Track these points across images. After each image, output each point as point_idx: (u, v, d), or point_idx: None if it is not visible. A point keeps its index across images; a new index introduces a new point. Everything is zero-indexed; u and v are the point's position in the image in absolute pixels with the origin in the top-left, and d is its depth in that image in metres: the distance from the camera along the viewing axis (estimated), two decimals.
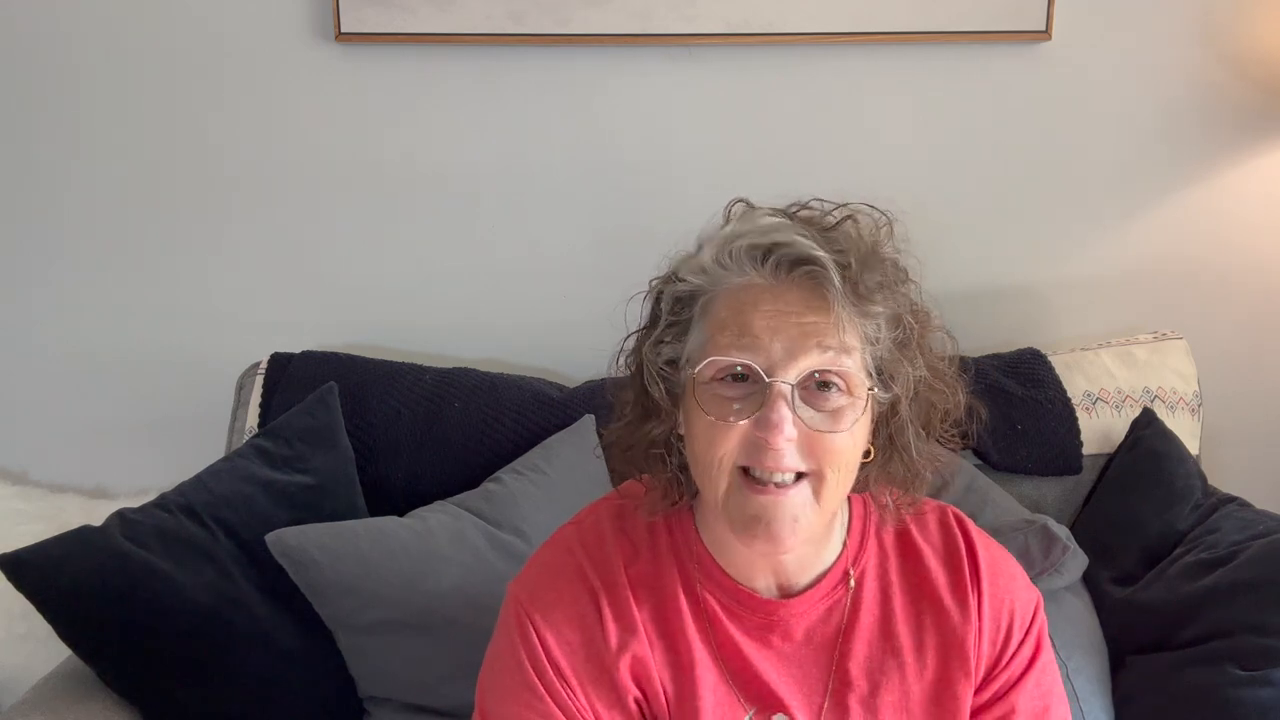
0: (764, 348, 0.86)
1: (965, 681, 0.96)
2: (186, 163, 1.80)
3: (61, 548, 1.29)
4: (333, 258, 1.84)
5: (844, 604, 0.97)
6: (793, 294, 0.87)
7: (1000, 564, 1.00)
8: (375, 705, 1.40)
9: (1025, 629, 0.98)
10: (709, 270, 0.90)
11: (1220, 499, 1.55)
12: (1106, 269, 1.90)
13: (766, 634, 0.96)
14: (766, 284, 0.88)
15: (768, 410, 0.85)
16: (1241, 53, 1.83)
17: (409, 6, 1.71)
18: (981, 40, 1.78)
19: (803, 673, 0.96)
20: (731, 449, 0.87)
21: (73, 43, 1.75)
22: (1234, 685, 1.26)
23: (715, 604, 0.96)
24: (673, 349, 0.92)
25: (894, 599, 0.98)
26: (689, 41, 1.75)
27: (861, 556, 0.98)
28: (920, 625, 0.97)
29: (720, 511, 0.90)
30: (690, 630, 0.95)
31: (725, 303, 0.89)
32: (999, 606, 0.98)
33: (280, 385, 1.65)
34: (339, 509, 1.49)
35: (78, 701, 1.28)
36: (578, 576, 0.97)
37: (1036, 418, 1.65)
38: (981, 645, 0.97)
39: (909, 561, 0.99)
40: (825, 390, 0.87)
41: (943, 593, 0.98)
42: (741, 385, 0.87)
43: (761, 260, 0.88)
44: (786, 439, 0.85)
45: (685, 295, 0.92)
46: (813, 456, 0.87)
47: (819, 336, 0.86)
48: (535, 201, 1.83)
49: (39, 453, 1.90)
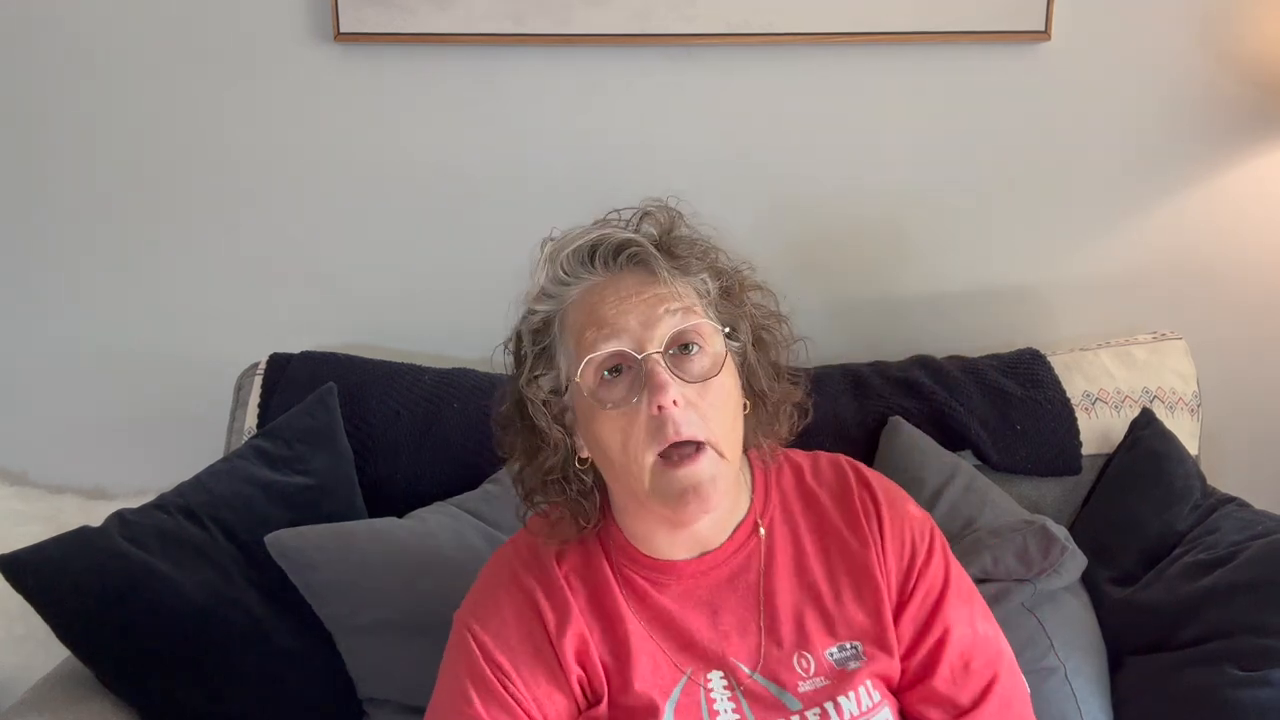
0: (624, 329, 0.97)
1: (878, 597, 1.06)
2: (186, 162, 1.80)
3: (60, 548, 1.29)
4: (331, 258, 1.84)
5: (760, 552, 1.07)
6: (626, 280, 1.01)
7: (893, 494, 1.12)
8: (374, 706, 1.40)
9: (928, 544, 1.09)
10: (550, 291, 1.03)
11: (1219, 499, 1.55)
12: (1106, 269, 1.90)
13: (694, 592, 1.05)
14: (602, 279, 1.01)
15: (650, 380, 0.95)
16: (1241, 53, 1.82)
17: (408, 6, 1.71)
18: (981, 40, 1.78)
19: (736, 621, 1.05)
20: (640, 438, 0.96)
21: (72, 43, 1.75)
22: (1233, 686, 1.26)
23: (643, 581, 1.06)
24: (549, 379, 1.02)
25: (803, 539, 1.08)
26: (688, 41, 1.75)
27: (768, 509, 1.09)
28: (829, 557, 1.08)
29: (650, 497, 0.98)
30: (623, 608, 1.05)
31: (576, 311, 1.01)
32: (899, 526, 1.09)
33: (279, 386, 1.64)
34: (338, 510, 1.49)
35: (76, 702, 1.28)
36: (512, 581, 1.07)
37: (1036, 418, 1.65)
38: (887, 562, 1.07)
39: (809, 505, 1.10)
40: (687, 352, 0.98)
41: (841, 527, 1.09)
42: (621, 379, 0.98)
43: (589, 259, 1.02)
44: (674, 400, 0.95)
45: (540, 324, 1.03)
46: (701, 416, 0.96)
47: (663, 303, 0.98)
48: (535, 201, 1.83)
49: (38, 453, 1.90)
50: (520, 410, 1.04)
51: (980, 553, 1.41)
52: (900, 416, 1.62)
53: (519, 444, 1.06)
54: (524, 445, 1.05)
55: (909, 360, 1.73)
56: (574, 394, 1.01)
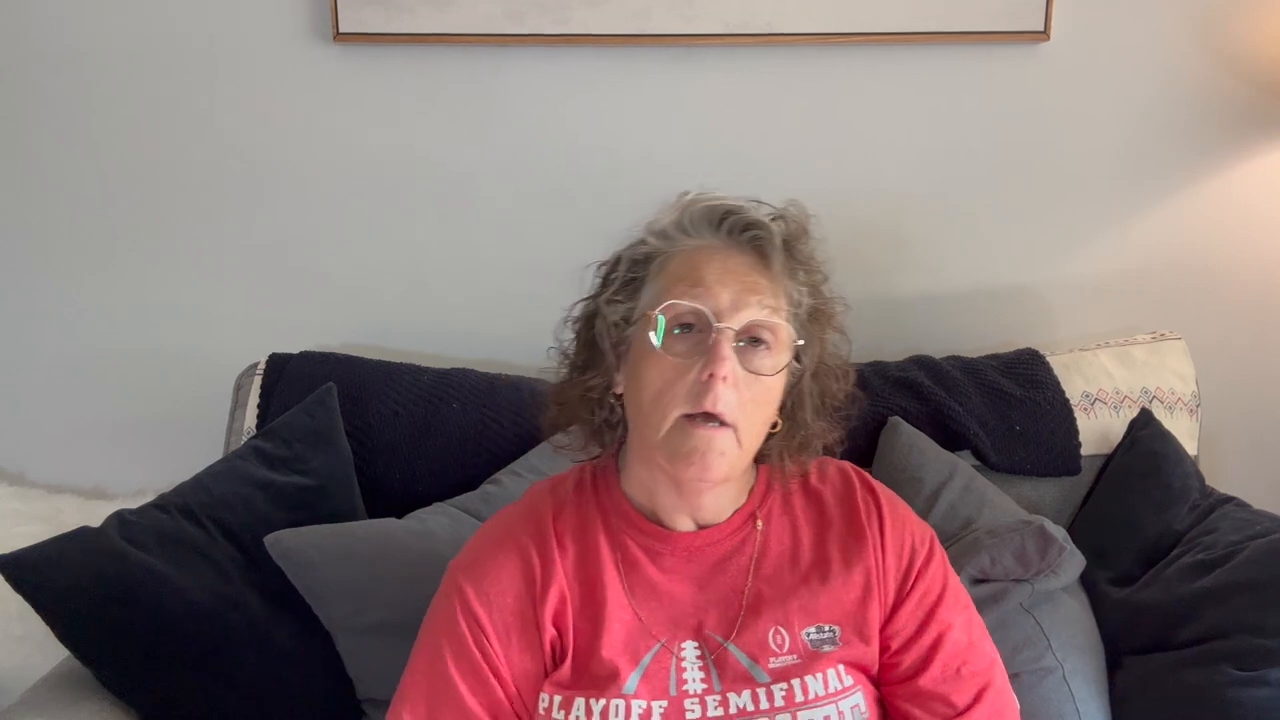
0: (714, 296, 1.00)
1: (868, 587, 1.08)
2: (185, 162, 1.80)
3: (59, 549, 1.29)
4: (331, 258, 1.84)
5: (755, 539, 1.10)
6: (740, 257, 1.04)
7: (896, 501, 1.15)
8: (374, 706, 1.40)
9: (928, 549, 1.11)
10: (668, 233, 1.06)
11: (1218, 499, 1.55)
12: (1105, 269, 1.90)
13: (684, 565, 1.08)
14: (719, 245, 1.04)
15: (714, 350, 0.98)
16: (1241, 53, 1.82)
17: (407, 6, 1.71)
18: (981, 41, 1.78)
19: (721, 595, 1.08)
20: (679, 394, 0.99)
21: (72, 43, 1.75)
22: (1231, 686, 1.26)
23: (636, 548, 1.08)
24: (625, 307, 1.05)
25: (801, 530, 1.11)
26: (687, 42, 1.75)
27: (767, 501, 1.12)
28: (824, 545, 1.10)
29: (659, 447, 1.01)
30: (608, 573, 1.07)
31: (681, 260, 1.04)
32: (900, 529, 1.11)
33: (278, 386, 1.64)
34: (337, 510, 1.49)
35: (75, 702, 1.28)
36: (507, 537, 1.10)
37: (1035, 418, 1.65)
38: (885, 560, 1.09)
39: (811, 501, 1.13)
40: (756, 346, 1.02)
41: (841, 520, 1.11)
42: (688, 337, 1.01)
43: (717, 224, 1.04)
44: (725, 377, 0.98)
45: (642, 256, 1.06)
46: (740, 403, 0.99)
47: (759, 294, 1.01)
48: (534, 201, 1.83)
49: (37, 453, 1.90)
50: (590, 325, 1.08)
51: (978, 553, 1.41)
52: (899, 417, 1.62)
53: (579, 355, 1.10)
54: (579, 360, 1.09)
55: (908, 360, 1.74)
56: (639, 329, 1.03)
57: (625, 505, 1.10)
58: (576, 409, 1.10)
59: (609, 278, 1.08)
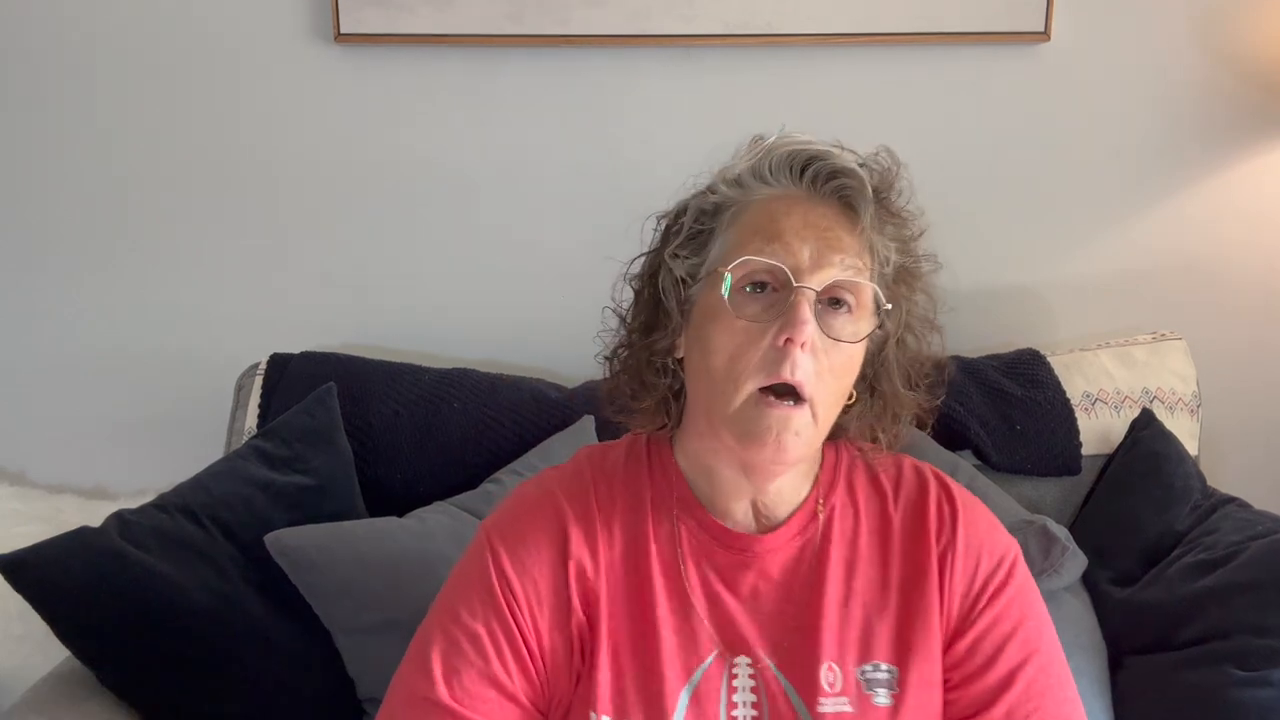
0: (794, 252, 0.89)
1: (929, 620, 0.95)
2: (186, 163, 1.80)
3: (59, 548, 1.28)
4: (332, 258, 1.84)
5: (814, 542, 0.98)
6: (823, 207, 0.92)
7: (976, 511, 1.01)
8: (374, 706, 1.40)
9: (1005, 576, 0.97)
10: (744, 182, 0.95)
11: (1219, 500, 1.55)
12: (1106, 269, 1.90)
13: (741, 573, 0.97)
14: (800, 195, 0.93)
15: (793, 312, 0.88)
16: (1241, 53, 1.82)
17: (408, 7, 1.71)
18: (981, 41, 1.78)
19: (773, 609, 0.96)
20: (752, 362, 0.89)
21: (72, 43, 1.75)
22: (1233, 686, 1.26)
23: (689, 537, 0.98)
24: (691, 262, 0.95)
25: (860, 539, 0.99)
26: (687, 42, 1.75)
27: (831, 494, 1.00)
28: (885, 564, 0.98)
29: (728, 423, 0.91)
30: (656, 567, 0.96)
31: (757, 211, 0.93)
32: (975, 544, 0.98)
33: (279, 386, 1.64)
34: (338, 510, 1.49)
35: (75, 702, 1.28)
36: (548, 502, 0.99)
37: (1035, 418, 1.65)
38: (952, 582, 0.96)
39: (876, 504, 1.01)
40: (836, 309, 0.91)
41: (906, 534, 0.99)
42: (762, 298, 0.90)
43: (800, 171, 0.93)
44: (804, 342, 0.88)
45: (711, 208, 0.95)
46: (818, 373, 0.89)
47: (842, 250, 0.90)
48: (534, 202, 1.83)
49: (37, 453, 1.90)
50: (653, 281, 0.97)
51: None
52: None
53: (641, 315, 0.99)
54: (643, 319, 0.98)
55: None
56: (705, 286, 0.93)
57: (683, 487, 0.99)
58: (642, 374, 0.98)
59: (671, 230, 0.97)
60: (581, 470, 1.02)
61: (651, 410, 0.99)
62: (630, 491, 1.00)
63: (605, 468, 1.02)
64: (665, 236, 0.98)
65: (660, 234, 0.99)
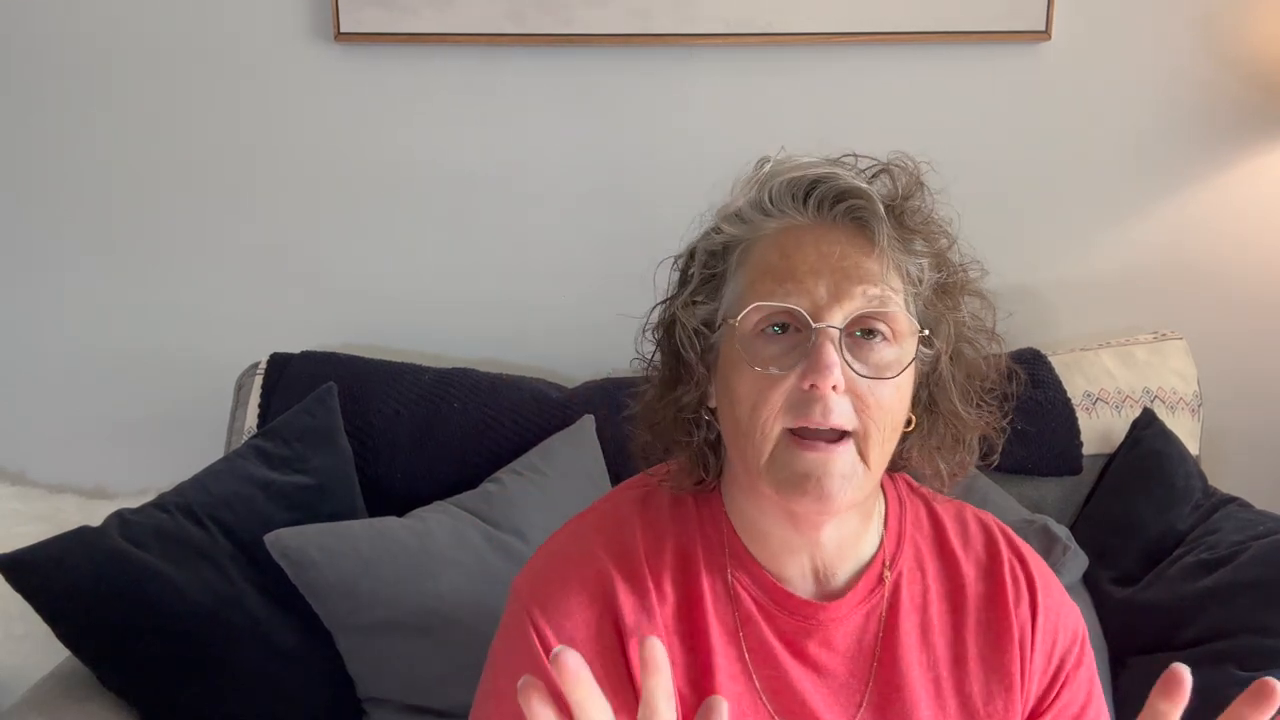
0: (808, 291, 0.82)
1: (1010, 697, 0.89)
2: (186, 162, 1.80)
3: (60, 548, 1.28)
4: (332, 257, 1.84)
5: (880, 609, 0.90)
6: (835, 234, 0.84)
7: (1049, 578, 0.95)
8: (374, 706, 1.40)
9: (1080, 647, 0.93)
10: (746, 217, 0.87)
11: (1220, 499, 1.55)
12: (1106, 269, 1.90)
13: (804, 639, 0.89)
14: (808, 224, 0.85)
15: (815, 356, 0.80)
16: (1241, 53, 1.82)
17: (408, 6, 1.71)
18: (981, 40, 1.78)
19: (839, 683, 0.89)
20: (777, 409, 0.81)
21: (73, 42, 1.75)
22: (1235, 686, 1.24)
23: (749, 599, 0.89)
24: (707, 309, 0.88)
25: (931, 606, 0.91)
26: (688, 41, 1.75)
27: (899, 557, 0.92)
28: (960, 635, 0.91)
29: (763, 474, 0.83)
30: (714, 631, 0.88)
31: (765, 248, 0.85)
32: (1054, 621, 0.92)
33: (279, 385, 1.64)
34: (338, 509, 1.49)
35: (76, 702, 1.28)
36: (589, 562, 0.89)
37: (1036, 418, 1.64)
38: (1033, 659, 0.90)
39: (946, 568, 0.93)
40: (870, 339, 0.83)
41: (982, 604, 0.91)
42: (783, 338, 0.83)
43: (804, 198, 0.86)
44: (834, 385, 0.80)
45: (719, 248, 0.88)
46: (859, 412, 0.81)
47: (863, 279, 0.82)
48: (535, 202, 1.83)
49: (37, 453, 1.90)
50: (669, 332, 0.90)
51: None
52: None
53: (662, 369, 0.92)
54: (665, 373, 0.91)
55: None
56: (725, 335, 0.86)
57: (736, 543, 0.90)
58: (672, 431, 0.90)
59: (686, 275, 0.90)
60: (624, 518, 0.92)
61: (687, 467, 0.91)
62: (680, 545, 0.91)
63: (649, 516, 0.92)
64: (680, 283, 0.91)
65: (675, 279, 0.92)
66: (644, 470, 0.97)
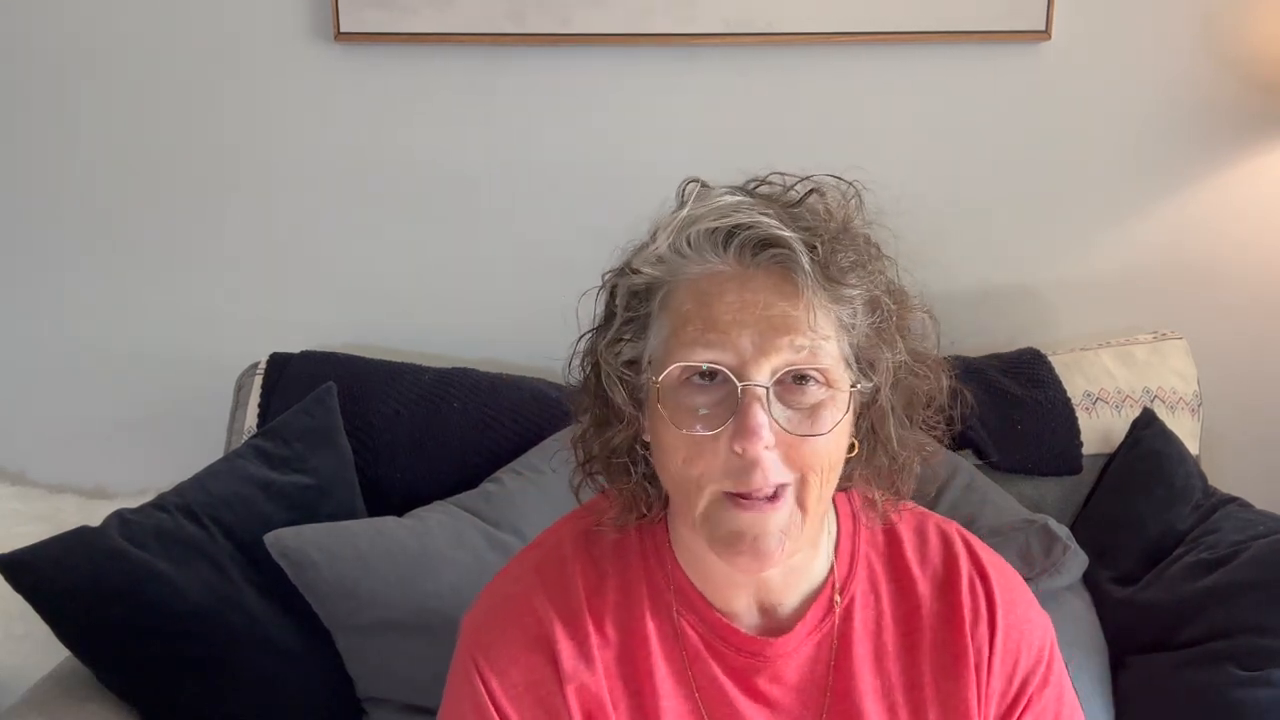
0: (732, 344, 0.78)
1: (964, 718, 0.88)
2: (185, 162, 1.80)
3: (59, 548, 1.28)
4: (332, 257, 1.84)
5: (832, 637, 0.88)
6: (759, 280, 0.79)
7: (1014, 593, 0.92)
8: (373, 705, 1.40)
9: (1045, 665, 0.90)
10: (666, 259, 0.82)
11: (1220, 499, 1.55)
12: (1106, 269, 1.90)
13: (753, 676, 0.88)
14: (731, 270, 0.80)
15: (742, 417, 0.77)
16: (1241, 53, 1.82)
17: (408, 6, 1.71)
18: (981, 40, 1.78)
19: (792, 717, 0.88)
20: (711, 470, 0.79)
21: (71, 41, 1.75)
22: (1234, 686, 1.26)
23: (695, 637, 0.88)
24: (632, 347, 0.84)
25: (885, 632, 0.89)
26: (688, 41, 1.75)
27: (850, 583, 0.90)
28: (913, 662, 0.89)
29: (699, 528, 0.82)
30: (660, 670, 0.87)
31: (686, 294, 0.81)
32: (1015, 638, 0.89)
33: (279, 385, 1.64)
34: (337, 509, 1.49)
35: (76, 702, 1.28)
36: (528, 610, 0.88)
37: (1036, 418, 1.64)
38: (990, 682, 0.88)
39: (901, 589, 0.91)
40: (802, 384, 0.79)
41: (936, 626, 0.89)
42: (711, 389, 0.79)
43: (723, 245, 0.80)
44: (765, 446, 0.77)
45: (641, 289, 0.84)
46: (794, 463, 0.79)
47: (790, 330, 0.78)
48: (535, 201, 1.83)
49: (37, 452, 1.90)
50: (596, 373, 0.86)
51: None
52: None
53: (591, 409, 0.88)
54: (594, 414, 0.88)
55: None
56: (650, 383, 0.82)
57: (681, 579, 0.88)
58: (607, 469, 0.88)
59: (609, 312, 0.87)
60: (565, 558, 0.90)
61: (626, 502, 0.88)
62: (623, 584, 0.89)
63: (592, 554, 0.90)
64: (605, 320, 0.87)
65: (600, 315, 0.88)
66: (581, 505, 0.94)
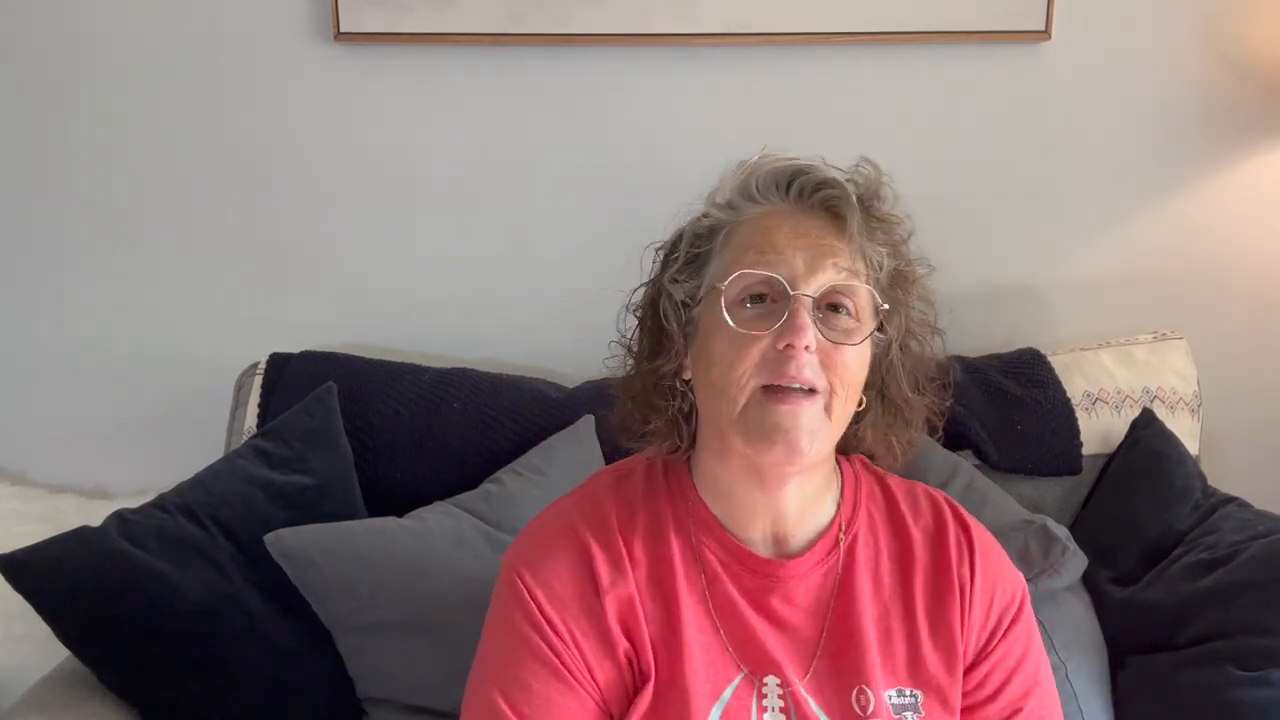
0: (787, 261, 0.93)
1: (953, 650, 0.99)
2: (185, 162, 1.80)
3: (60, 548, 1.28)
4: (331, 257, 1.84)
5: (836, 569, 1.00)
6: (812, 219, 0.96)
7: (991, 546, 1.05)
8: (374, 706, 1.40)
9: (1017, 609, 1.02)
10: (734, 203, 0.99)
11: (1220, 499, 1.55)
12: (1106, 269, 1.90)
13: (766, 595, 0.98)
14: (788, 209, 0.96)
15: (792, 319, 0.91)
16: (1241, 53, 1.82)
17: (408, 6, 1.71)
18: (981, 40, 1.78)
19: (799, 635, 0.98)
20: (752, 366, 0.91)
21: (71, 42, 1.75)
22: (1234, 686, 1.26)
23: (714, 560, 0.99)
24: (690, 285, 0.98)
25: (882, 567, 1.01)
26: (688, 41, 1.75)
27: (854, 523, 1.02)
28: (907, 592, 1.00)
29: (735, 428, 0.93)
30: (683, 588, 0.97)
31: (749, 228, 0.96)
32: (992, 581, 1.02)
33: (279, 385, 1.64)
34: (338, 509, 1.49)
35: (76, 702, 1.28)
36: (569, 531, 1.00)
37: (1036, 418, 1.65)
38: (971, 616, 1.00)
39: (896, 533, 1.03)
40: (836, 313, 0.94)
41: (927, 565, 1.01)
42: (760, 307, 0.93)
43: (786, 186, 0.97)
44: (806, 346, 0.90)
45: (706, 230, 0.99)
46: (827, 370, 0.92)
47: (835, 257, 0.94)
48: (534, 202, 1.83)
49: (37, 453, 1.90)
50: (654, 307, 1.00)
51: None
52: None
53: (644, 342, 1.02)
54: (647, 346, 1.01)
55: None
56: (706, 304, 0.96)
57: (702, 510, 1.00)
58: (650, 398, 1.01)
59: (670, 256, 1.01)
60: (598, 496, 1.03)
61: (664, 432, 1.01)
62: (650, 515, 1.01)
63: (623, 492, 1.03)
64: (664, 264, 1.01)
65: (659, 262, 1.03)
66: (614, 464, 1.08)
